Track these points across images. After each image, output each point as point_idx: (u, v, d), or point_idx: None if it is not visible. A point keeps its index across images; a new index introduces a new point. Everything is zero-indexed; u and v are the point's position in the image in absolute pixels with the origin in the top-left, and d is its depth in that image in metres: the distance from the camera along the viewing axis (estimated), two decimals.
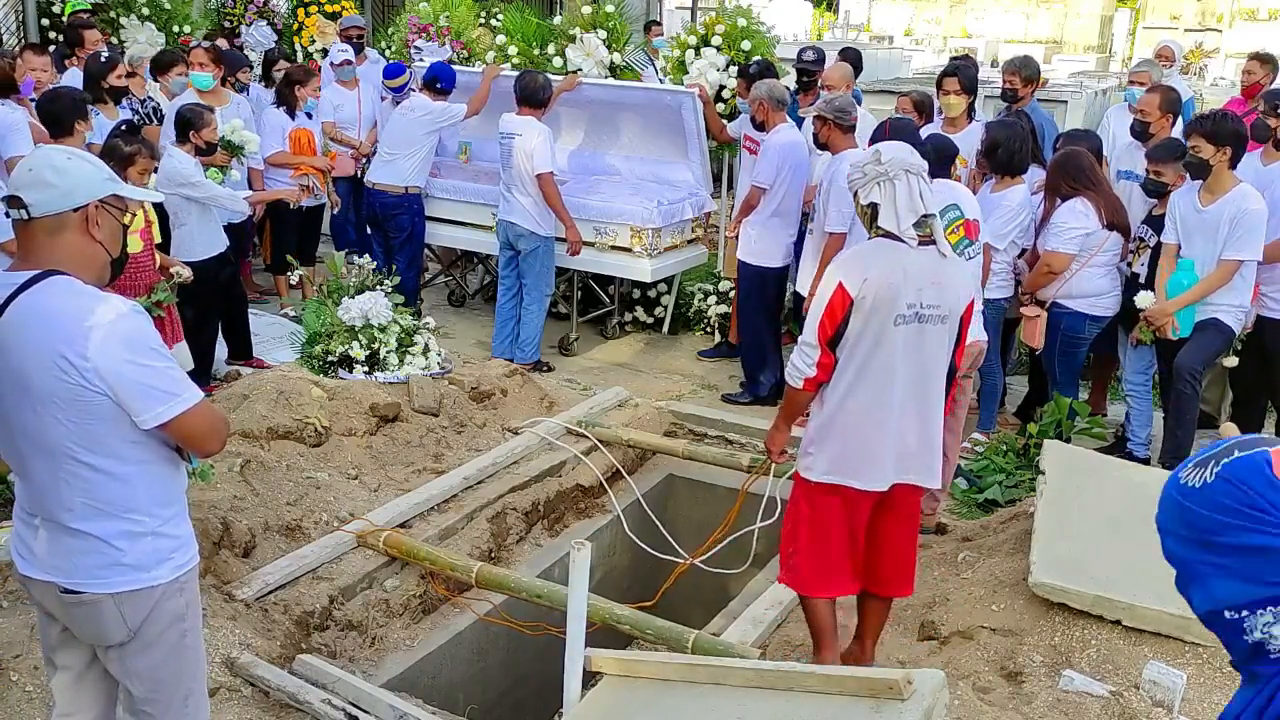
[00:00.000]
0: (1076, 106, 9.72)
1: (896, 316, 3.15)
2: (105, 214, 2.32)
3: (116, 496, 2.28)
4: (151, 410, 2.23)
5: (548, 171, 6.28)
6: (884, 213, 3.19)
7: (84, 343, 2.16)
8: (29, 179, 2.25)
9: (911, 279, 3.15)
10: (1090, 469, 4.25)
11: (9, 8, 8.78)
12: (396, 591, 4.05)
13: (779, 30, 15.89)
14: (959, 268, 3.37)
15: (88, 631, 2.40)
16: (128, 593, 2.33)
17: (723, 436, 5.47)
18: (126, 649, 2.39)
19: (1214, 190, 4.80)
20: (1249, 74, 7.15)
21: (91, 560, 2.30)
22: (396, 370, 5.45)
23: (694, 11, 16.40)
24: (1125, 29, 30.48)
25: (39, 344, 2.18)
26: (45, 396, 2.19)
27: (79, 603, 2.33)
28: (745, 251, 6.18)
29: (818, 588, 3.43)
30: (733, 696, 2.72)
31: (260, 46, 9.26)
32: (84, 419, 2.21)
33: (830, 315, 3.17)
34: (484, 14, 8.41)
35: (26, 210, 2.23)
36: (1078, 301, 5.29)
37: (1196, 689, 3.18)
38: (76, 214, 2.26)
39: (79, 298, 2.22)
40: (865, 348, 3.18)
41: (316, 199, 7.16)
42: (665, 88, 7.22)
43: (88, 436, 2.22)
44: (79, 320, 2.17)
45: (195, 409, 2.28)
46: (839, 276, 3.17)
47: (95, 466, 2.25)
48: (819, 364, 3.21)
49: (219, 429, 2.41)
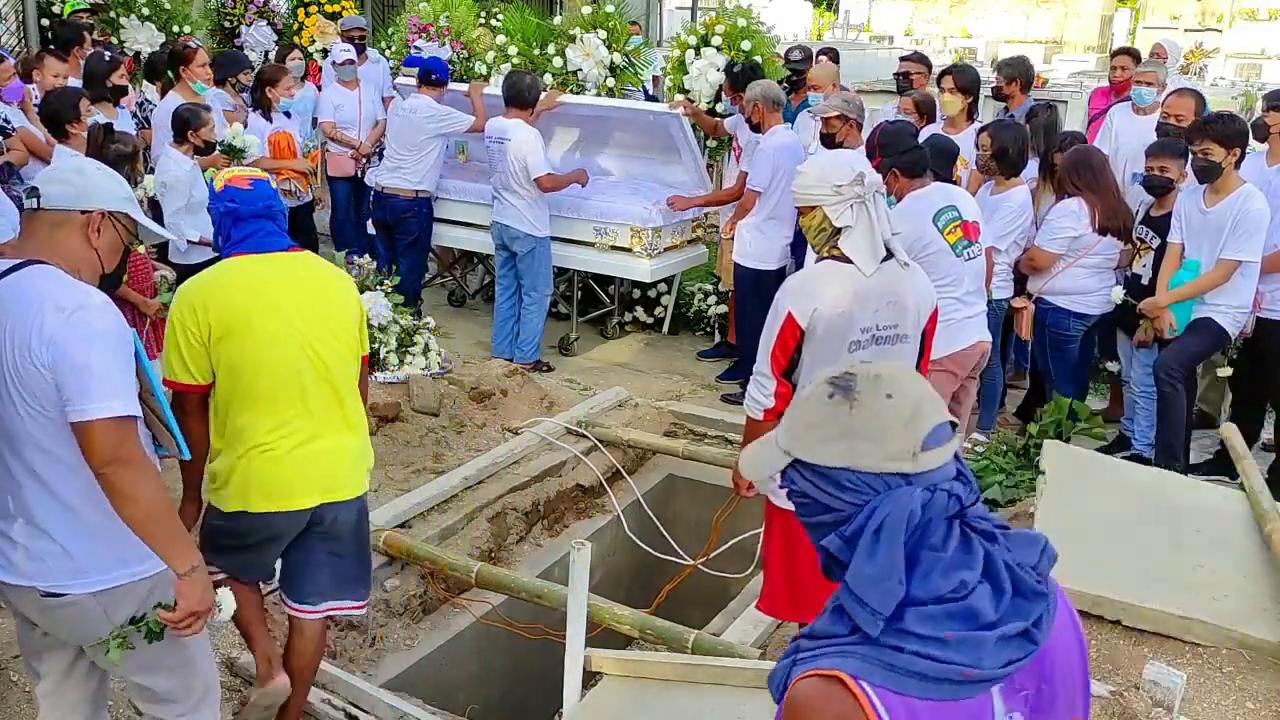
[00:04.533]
0: (1076, 106, 9.74)
1: (850, 343, 3.08)
2: (110, 227, 2.33)
3: (90, 491, 2.20)
4: (75, 404, 2.10)
5: (545, 174, 6.28)
6: (852, 240, 3.04)
7: (48, 322, 2.13)
8: (52, 175, 2.34)
9: (865, 303, 3.06)
10: (1090, 469, 4.25)
11: (9, 8, 8.78)
12: (396, 591, 4.05)
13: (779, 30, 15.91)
14: (917, 279, 3.23)
15: (73, 633, 2.36)
16: (107, 590, 2.29)
17: (723, 436, 5.47)
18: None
19: (1219, 191, 4.79)
20: (1121, 69, 7.20)
21: (67, 561, 2.25)
22: (396, 370, 5.45)
23: (694, 11, 16.40)
24: (1125, 29, 30.50)
25: (12, 330, 2.15)
26: (13, 382, 2.16)
27: (61, 604, 2.28)
28: (741, 254, 6.18)
29: (791, 612, 3.40)
30: (733, 696, 2.73)
31: (260, 46, 9.27)
32: (45, 408, 2.16)
33: (782, 346, 3.10)
34: (484, 14, 8.40)
35: (39, 200, 2.27)
36: (1060, 298, 5.31)
37: (1196, 689, 3.18)
38: (82, 216, 2.29)
39: (57, 284, 2.20)
40: (821, 375, 3.12)
41: (299, 200, 7.13)
42: (651, 107, 7.25)
43: (50, 425, 2.17)
44: (50, 301, 2.15)
45: (114, 423, 2.11)
46: (788, 306, 3.08)
47: (64, 460, 2.20)
48: (776, 394, 3.14)
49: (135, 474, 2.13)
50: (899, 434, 1.28)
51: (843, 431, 1.30)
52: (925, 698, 1.22)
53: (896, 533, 1.25)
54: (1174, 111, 5.71)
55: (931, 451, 1.28)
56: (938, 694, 1.23)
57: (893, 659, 1.23)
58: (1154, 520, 3.84)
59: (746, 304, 6.24)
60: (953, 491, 1.28)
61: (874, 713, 1.21)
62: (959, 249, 4.23)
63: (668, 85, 7.60)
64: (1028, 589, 1.28)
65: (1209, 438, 5.65)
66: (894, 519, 1.25)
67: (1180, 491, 4.09)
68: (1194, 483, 4.28)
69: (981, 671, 1.23)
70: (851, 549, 1.29)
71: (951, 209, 4.22)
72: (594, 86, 7.50)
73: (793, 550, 3.33)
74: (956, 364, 4.35)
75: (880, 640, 1.24)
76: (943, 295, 4.19)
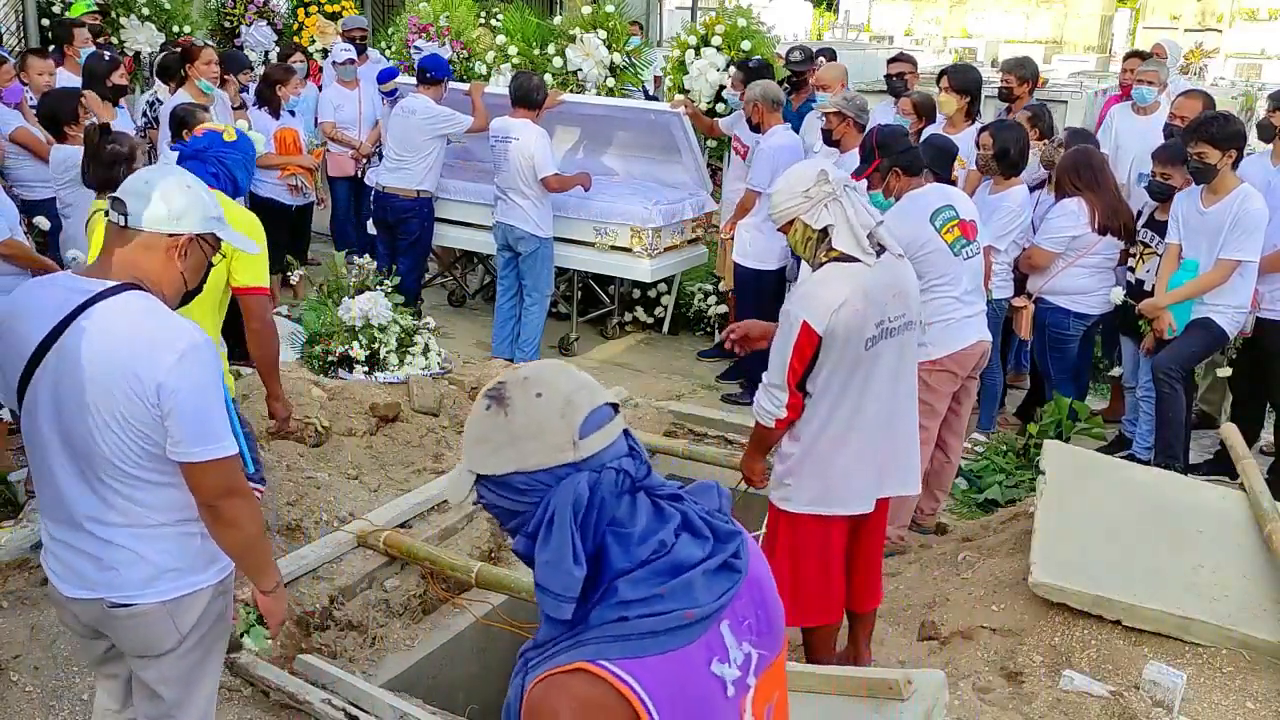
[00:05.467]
0: (1076, 106, 9.73)
1: (866, 340, 3.09)
2: (197, 248, 2.34)
3: (165, 503, 2.26)
4: (187, 446, 2.18)
5: (552, 174, 6.28)
6: (839, 234, 3.05)
7: (160, 363, 2.14)
8: (142, 189, 2.26)
9: (874, 298, 3.08)
10: (1090, 469, 4.25)
11: (9, 8, 8.78)
12: (396, 591, 4.04)
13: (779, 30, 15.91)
14: (909, 268, 3.28)
15: (135, 642, 2.36)
16: (177, 599, 2.31)
17: (722, 436, 5.47)
18: (167, 656, 2.36)
19: (1217, 191, 4.79)
20: (1128, 71, 7.23)
21: (140, 571, 2.27)
22: (396, 370, 5.45)
23: (694, 11, 16.40)
24: (1125, 29, 30.48)
25: (111, 358, 2.15)
26: (106, 409, 2.15)
27: (130, 615, 2.29)
28: (741, 254, 6.18)
29: (793, 617, 3.39)
30: None
31: (260, 46, 9.27)
32: (141, 438, 2.18)
33: (799, 356, 3.07)
34: (484, 14, 8.40)
35: (127, 219, 2.24)
36: (1060, 298, 5.32)
37: (1196, 689, 3.18)
38: (170, 239, 2.27)
39: (159, 317, 2.22)
40: (839, 378, 3.11)
41: (305, 198, 7.14)
42: (652, 106, 7.25)
43: (142, 451, 2.20)
44: (159, 340, 2.16)
45: (224, 461, 2.22)
46: (801, 315, 3.05)
47: (142, 478, 2.22)
48: (788, 405, 3.14)
49: (241, 504, 2.28)
50: (556, 427, 1.33)
51: (506, 438, 1.35)
52: (663, 652, 1.29)
53: (564, 517, 1.30)
54: (1180, 113, 5.70)
55: (591, 436, 1.34)
56: (672, 644, 1.29)
57: (620, 630, 1.29)
58: (1154, 520, 3.84)
59: (746, 304, 6.24)
60: (620, 468, 1.34)
61: (625, 686, 1.26)
62: (957, 248, 4.22)
63: (668, 85, 7.60)
64: (722, 531, 1.38)
65: (1209, 438, 5.65)
66: (561, 505, 1.30)
67: (1180, 491, 4.09)
68: (1194, 483, 4.27)
69: (702, 608, 1.31)
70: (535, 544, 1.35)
71: (949, 208, 4.21)
72: (594, 86, 7.49)
73: (799, 559, 3.32)
74: (957, 364, 4.34)
75: (604, 620, 1.30)
76: (941, 295, 4.20)
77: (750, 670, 1.37)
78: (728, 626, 1.35)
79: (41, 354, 2.18)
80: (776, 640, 1.43)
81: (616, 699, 1.26)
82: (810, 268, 3.21)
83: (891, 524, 4.28)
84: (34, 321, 2.19)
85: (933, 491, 4.62)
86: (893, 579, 4.16)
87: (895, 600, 4.02)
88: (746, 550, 1.40)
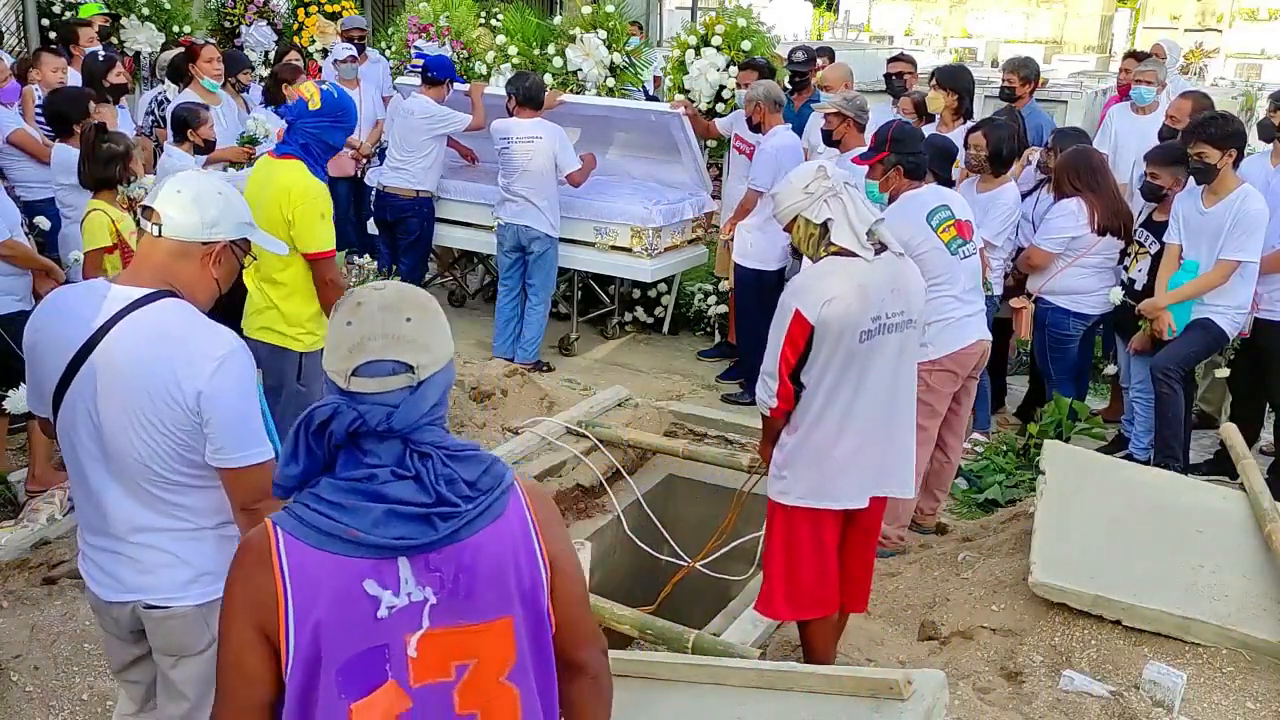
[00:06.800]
0: (1076, 106, 9.73)
1: (861, 334, 3.11)
2: (230, 254, 2.35)
3: (205, 506, 2.27)
4: (228, 452, 2.20)
5: (577, 169, 6.36)
6: (838, 229, 3.10)
7: (199, 371, 2.15)
8: (174, 199, 2.26)
9: (871, 293, 3.10)
10: (1090, 469, 4.25)
11: (9, 8, 8.78)
12: None
13: (779, 30, 15.89)
14: (912, 268, 3.32)
15: (168, 642, 2.37)
16: (212, 602, 2.29)
17: (723, 436, 5.47)
18: (198, 656, 2.35)
19: (1218, 192, 4.79)
20: (1125, 72, 7.28)
21: (179, 574, 2.29)
22: None
23: (694, 11, 16.39)
24: (1125, 29, 30.47)
25: (151, 365, 2.15)
26: (146, 416, 2.16)
27: (167, 616, 2.30)
28: (741, 254, 6.18)
29: (789, 612, 3.43)
30: (733, 696, 2.72)
31: (260, 46, 9.26)
32: (180, 444, 2.19)
33: (791, 345, 3.12)
34: (484, 14, 8.40)
35: (160, 228, 2.24)
36: (1060, 298, 5.32)
37: (1196, 689, 3.18)
38: (205, 247, 2.28)
39: (196, 326, 2.23)
40: (834, 371, 3.14)
41: None
42: (652, 107, 7.25)
43: (180, 457, 2.21)
44: (197, 349, 2.17)
45: (261, 465, 2.22)
46: (795, 304, 3.11)
47: (181, 483, 2.24)
48: (779, 395, 3.19)
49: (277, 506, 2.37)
50: (341, 355, 1.56)
51: (332, 341, 1.58)
52: (320, 549, 1.52)
53: (303, 426, 1.55)
54: (1174, 114, 5.72)
55: (362, 379, 1.54)
56: (331, 547, 1.52)
57: (301, 513, 1.54)
58: (1154, 520, 3.84)
59: (747, 304, 6.24)
60: (361, 414, 1.52)
61: (274, 546, 1.53)
62: (954, 247, 4.23)
63: (668, 85, 7.60)
64: (451, 493, 1.54)
65: (1209, 438, 5.65)
66: (309, 416, 1.55)
67: (1180, 491, 4.09)
68: (1194, 483, 4.27)
69: (367, 536, 1.50)
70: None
71: (944, 208, 4.22)
72: (594, 86, 7.49)
73: (793, 552, 3.33)
74: (956, 364, 4.34)
75: (300, 501, 1.56)
76: (940, 294, 4.20)
77: (424, 613, 1.54)
78: (410, 563, 1.53)
79: (79, 362, 2.19)
80: (478, 611, 1.57)
81: (265, 555, 1.53)
82: (811, 264, 3.24)
83: (892, 524, 4.29)
84: (70, 329, 2.20)
85: (933, 491, 4.62)
86: (893, 579, 4.16)
87: (895, 600, 4.02)
88: (483, 521, 1.57)
